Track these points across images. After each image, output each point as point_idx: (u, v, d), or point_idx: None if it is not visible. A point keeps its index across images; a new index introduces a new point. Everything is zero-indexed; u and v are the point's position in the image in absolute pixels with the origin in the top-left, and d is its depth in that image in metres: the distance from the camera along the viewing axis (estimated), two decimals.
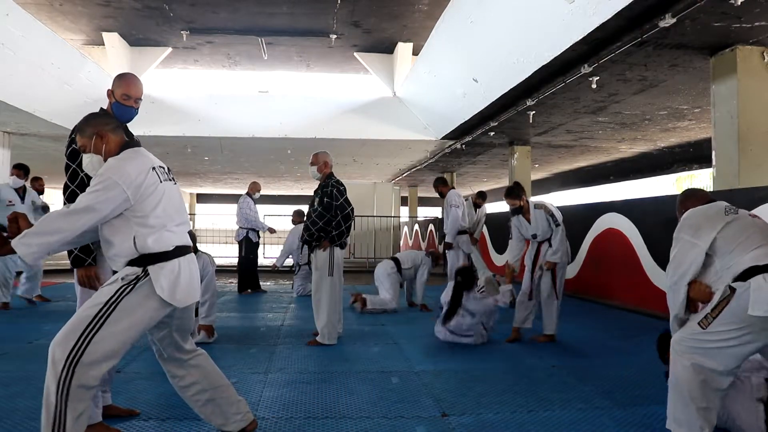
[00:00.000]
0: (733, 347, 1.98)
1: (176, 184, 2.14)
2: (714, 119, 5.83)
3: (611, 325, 4.99)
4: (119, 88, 2.43)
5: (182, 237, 2.03)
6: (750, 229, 2.11)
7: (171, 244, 1.96)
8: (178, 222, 2.02)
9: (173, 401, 2.71)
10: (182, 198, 2.15)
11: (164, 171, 2.06)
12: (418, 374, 3.31)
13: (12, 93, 8.09)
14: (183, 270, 1.97)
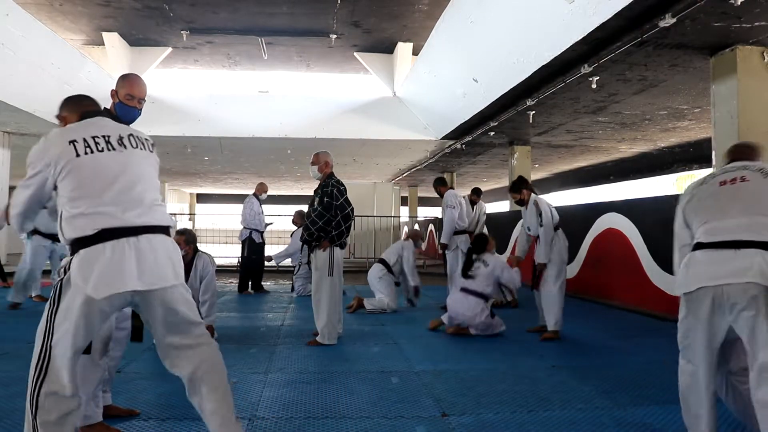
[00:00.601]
0: (693, 336, 1.96)
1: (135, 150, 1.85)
2: (714, 119, 5.83)
3: (611, 325, 4.99)
4: (123, 89, 2.42)
5: (116, 217, 1.71)
6: (718, 196, 2.00)
7: (92, 228, 1.69)
8: (109, 199, 1.72)
9: (173, 401, 2.72)
10: (138, 169, 1.81)
11: (109, 138, 1.81)
12: (418, 374, 3.31)
13: (12, 93, 8.10)
14: (111, 254, 1.67)
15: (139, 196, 1.77)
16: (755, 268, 1.78)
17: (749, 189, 1.92)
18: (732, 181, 1.96)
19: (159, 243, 1.77)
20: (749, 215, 1.87)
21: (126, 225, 1.71)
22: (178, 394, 2.79)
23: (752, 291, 1.79)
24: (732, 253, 1.85)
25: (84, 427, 2.26)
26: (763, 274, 1.78)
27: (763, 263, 1.78)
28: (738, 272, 1.82)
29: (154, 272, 1.72)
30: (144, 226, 1.75)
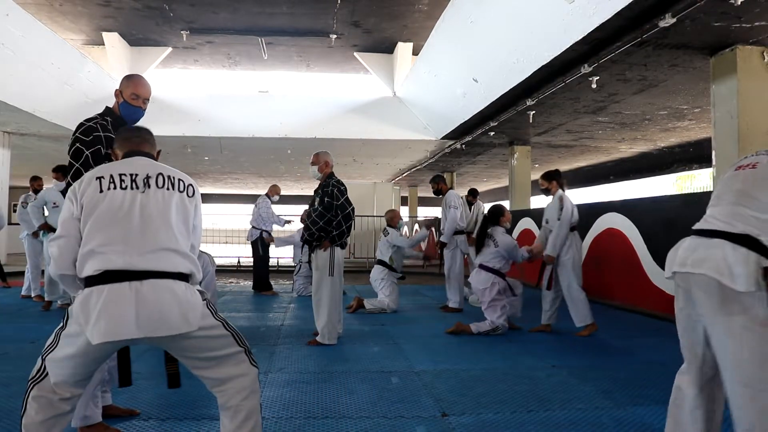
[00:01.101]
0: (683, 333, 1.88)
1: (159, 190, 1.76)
2: (714, 119, 5.83)
3: (611, 325, 4.99)
4: (128, 88, 2.46)
5: (121, 259, 1.62)
6: (726, 181, 1.90)
7: (95, 268, 1.62)
8: (118, 239, 1.65)
9: (173, 401, 2.72)
10: (154, 211, 1.71)
11: (135, 177, 1.75)
12: (418, 374, 3.31)
13: (12, 93, 8.10)
14: (109, 298, 1.58)
15: (149, 239, 1.68)
16: (712, 261, 1.69)
17: (750, 176, 1.80)
18: (745, 166, 1.84)
19: (165, 289, 1.64)
20: (732, 204, 1.77)
21: (130, 268, 1.62)
22: (178, 394, 2.80)
23: (709, 284, 1.69)
24: (702, 241, 1.77)
25: (83, 427, 2.26)
26: (718, 268, 1.67)
27: (720, 256, 1.67)
28: (698, 262, 1.74)
29: (154, 319, 1.61)
30: (150, 270, 1.64)
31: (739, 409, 1.63)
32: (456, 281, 5.93)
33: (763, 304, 1.59)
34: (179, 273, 1.70)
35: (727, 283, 1.63)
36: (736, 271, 1.62)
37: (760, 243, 1.63)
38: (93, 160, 2.31)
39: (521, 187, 11.44)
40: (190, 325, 1.66)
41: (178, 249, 1.73)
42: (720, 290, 1.65)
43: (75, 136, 2.34)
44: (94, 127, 2.36)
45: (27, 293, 6.53)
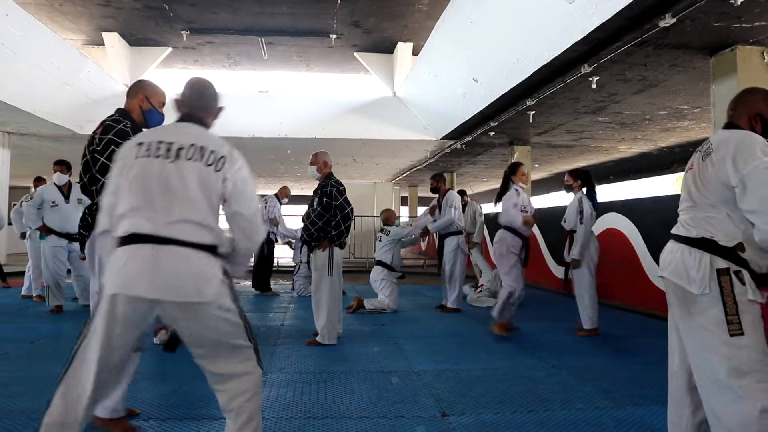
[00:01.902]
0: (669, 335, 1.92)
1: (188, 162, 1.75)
2: (714, 119, 5.83)
3: (611, 325, 4.98)
4: (158, 97, 2.55)
5: (145, 224, 1.68)
6: (683, 186, 2.00)
7: (123, 230, 1.70)
8: (143, 205, 1.71)
9: (173, 401, 2.72)
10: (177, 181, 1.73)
11: (170, 146, 1.76)
12: (418, 374, 3.31)
13: (12, 93, 8.10)
14: (132, 259, 1.65)
15: (171, 209, 1.71)
16: (673, 265, 1.80)
17: (690, 179, 1.89)
18: (688, 168, 1.94)
19: (183, 257, 1.67)
20: (688, 209, 1.87)
21: (153, 233, 1.67)
22: (178, 394, 2.80)
23: (674, 288, 1.80)
24: (670, 246, 1.89)
25: (108, 420, 2.28)
26: (677, 272, 1.77)
27: (679, 261, 1.78)
28: (665, 266, 1.85)
29: (168, 284, 1.64)
30: (171, 238, 1.68)
31: (710, 409, 1.70)
32: (457, 281, 5.93)
33: (718, 305, 1.66)
34: (200, 244, 1.71)
35: (685, 286, 1.74)
36: (692, 275, 1.72)
37: (715, 244, 1.71)
38: None
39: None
40: (202, 295, 1.67)
41: (198, 221, 1.73)
42: (683, 293, 1.76)
43: (109, 138, 2.30)
44: (126, 131, 2.34)
45: (27, 293, 6.53)
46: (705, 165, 1.80)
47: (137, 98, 2.51)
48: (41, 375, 3.16)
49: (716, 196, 1.74)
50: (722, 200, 1.73)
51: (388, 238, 6.08)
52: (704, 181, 1.78)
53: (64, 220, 5.45)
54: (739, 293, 1.64)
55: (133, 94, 2.51)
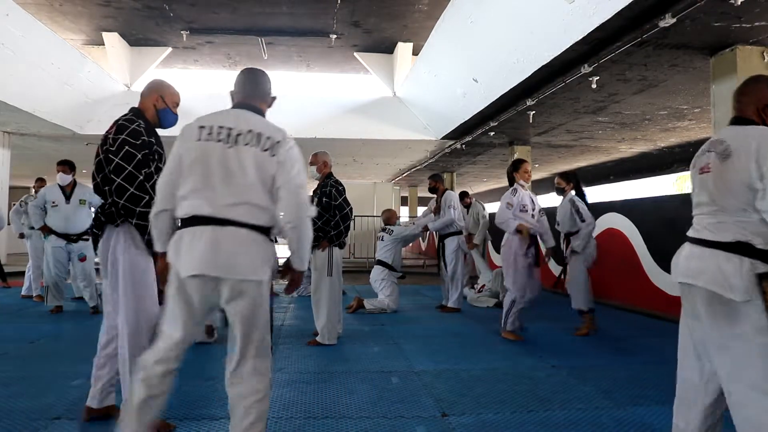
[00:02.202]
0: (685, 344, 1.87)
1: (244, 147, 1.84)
2: (714, 119, 5.83)
3: (611, 325, 4.98)
4: (172, 97, 2.57)
5: (203, 206, 1.80)
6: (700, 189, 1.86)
7: (185, 212, 1.82)
8: (202, 187, 1.81)
9: (173, 401, 2.71)
10: (234, 166, 1.82)
11: (230, 131, 1.86)
12: (418, 374, 3.31)
13: (12, 93, 8.10)
14: (192, 239, 1.78)
15: (230, 191, 1.81)
16: (708, 273, 1.69)
17: (711, 184, 1.77)
18: (703, 169, 1.83)
19: (241, 237, 1.79)
20: (713, 214, 1.76)
21: (213, 215, 1.78)
22: (178, 394, 2.80)
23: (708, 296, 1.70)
24: (697, 251, 1.77)
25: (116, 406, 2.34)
26: (715, 279, 1.67)
27: (715, 268, 1.67)
28: (696, 274, 1.74)
29: (228, 262, 1.76)
30: (229, 219, 1.79)
31: (749, 420, 1.62)
32: (459, 281, 5.94)
33: (759, 311, 1.59)
34: (257, 225, 1.83)
35: (725, 294, 1.64)
36: (733, 282, 1.62)
37: (752, 247, 1.63)
38: (142, 164, 2.28)
39: None
40: (257, 273, 1.80)
41: (255, 203, 1.83)
42: (719, 301, 1.66)
43: (123, 138, 2.28)
44: (140, 131, 2.34)
45: (27, 293, 6.53)
46: (726, 168, 1.72)
47: (151, 97, 2.50)
48: (41, 375, 3.16)
49: (744, 200, 1.67)
50: (752, 203, 1.66)
51: (390, 237, 6.08)
52: (728, 185, 1.71)
53: (63, 220, 5.42)
54: None
55: (148, 94, 2.51)
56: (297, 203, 1.87)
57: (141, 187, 2.27)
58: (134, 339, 2.29)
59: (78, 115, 9.98)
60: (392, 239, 6.06)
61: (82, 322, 5.04)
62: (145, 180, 2.28)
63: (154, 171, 2.33)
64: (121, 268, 2.32)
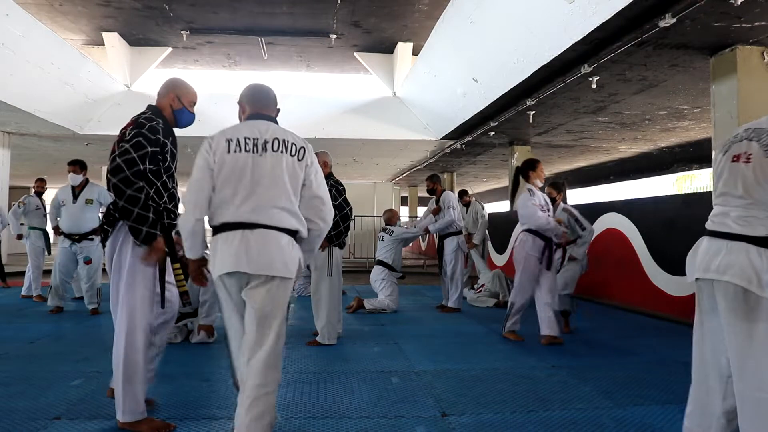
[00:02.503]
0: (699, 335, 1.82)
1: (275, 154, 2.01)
2: (714, 119, 5.83)
3: (611, 325, 4.99)
4: (189, 96, 2.61)
5: (237, 213, 1.97)
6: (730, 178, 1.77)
7: (219, 220, 2.00)
8: (237, 196, 1.97)
9: (173, 401, 2.72)
10: (266, 173, 1.99)
11: (256, 141, 2.01)
12: (418, 374, 3.31)
13: (12, 93, 8.10)
14: (226, 243, 1.96)
15: (260, 197, 1.97)
16: (737, 267, 1.62)
17: (749, 175, 1.68)
18: (739, 158, 1.72)
19: (271, 238, 1.96)
20: (744, 207, 1.68)
21: (244, 221, 1.96)
22: (178, 394, 2.80)
23: (734, 291, 1.63)
24: (723, 244, 1.69)
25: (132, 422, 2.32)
26: (744, 274, 1.60)
27: (745, 263, 1.60)
28: (722, 268, 1.66)
29: (260, 261, 1.93)
30: (260, 223, 1.95)
31: (756, 420, 1.58)
32: (459, 281, 5.95)
33: None
34: (285, 228, 2.00)
35: (754, 290, 1.58)
36: (765, 278, 1.56)
37: None
38: (150, 160, 2.28)
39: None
40: (288, 271, 1.98)
41: (285, 207, 2.00)
42: (745, 297, 1.60)
43: (138, 131, 2.29)
44: (158, 129, 2.35)
45: (27, 293, 6.53)
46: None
47: (168, 97, 2.52)
48: (41, 375, 3.16)
49: None
50: None
51: (391, 237, 6.08)
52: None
53: (70, 220, 5.41)
54: None
55: (165, 93, 2.52)
56: (326, 212, 2.09)
57: (137, 174, 2.24)
58: (129, 338, 2.30)
59: (78, 115, 9.98)
60: (392, 240, 6.06)
61: (82, 322, 5.04)
62: (143, 173, 2.27)
63: (164, 171, 2.37)
64: (125, 266, 2.33)
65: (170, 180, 2.44)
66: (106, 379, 3.05)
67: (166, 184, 2.39)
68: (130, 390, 2.28)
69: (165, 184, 2.39)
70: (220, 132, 2.07)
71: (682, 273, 4.23)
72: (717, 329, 1.73)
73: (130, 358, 2.29)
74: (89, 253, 5.40)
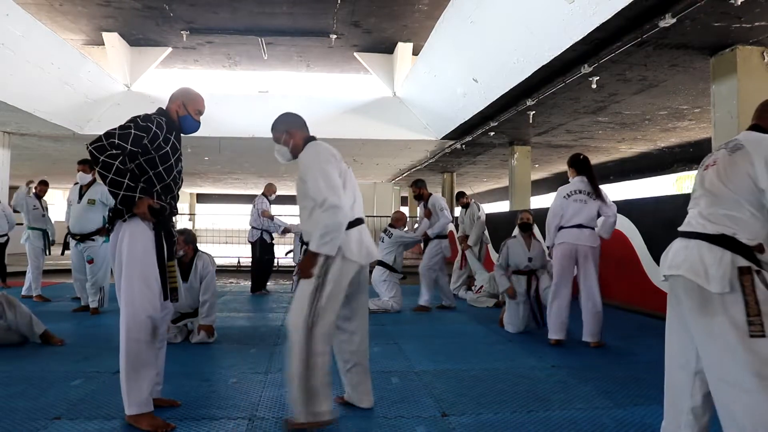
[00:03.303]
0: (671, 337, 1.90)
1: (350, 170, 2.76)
2: (714, 119, 5.83)
3: (611, 325, 4.98)
4: (194, 104, 2.68)
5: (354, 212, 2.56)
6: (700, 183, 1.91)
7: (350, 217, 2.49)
8: (349, 201, 2.54)
9: None
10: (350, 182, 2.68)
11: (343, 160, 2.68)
12: (418, 374, 3.31)
13: (12, 93, 8.10)
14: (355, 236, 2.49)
15: (358, 201, 2.66)
16: (689, 262, 1.71)
17: (714, 175, 1.80)
18: (709, 165, 1.86)
19: (365, 231, 2.60)
20: (707, 206, 1.78)
21: (358, 217, 2.57)
22: (179, 394, 2.80)
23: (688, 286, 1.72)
24: (684, 243, 1.81)
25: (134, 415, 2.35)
26: (694, 269, 1.68)
27: (696, 258, 1.69)
28: (678, 264, 1.76)
29: (369, 251, 2.53)
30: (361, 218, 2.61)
31: (725, 409, 1.63)
32: (427, 278, 5.98)
33: (739, 304, 1.59)
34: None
35: (702, 284, 1.65)
36: (711, 273, 1.63)
37: (736, 241, 1.63)
38: (132, 141, 2.35)
39: (521, 187, 11.44)
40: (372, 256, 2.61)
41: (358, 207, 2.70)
42: (699, 292, 1.67)
43: (132, 118, 2.43)
44: (151, 118, 2.46)
45: (27, 293, 6.52)
46: (733, 159, 1.74)
47: (175, 103, 2.66)
48: (41, 375, 3.16)
49: (743, 192, 1.68)
50: (748, 198, 1.67)
51: (389, 240, 6.08)
52: (731, 176, 1.72)
53: (73, 219, 5.44)
54: (761, 293, 1.58)
55: (173, 100, 2.65)
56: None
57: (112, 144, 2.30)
58: (130, 333, 2.32)
59: (78, 115, 9.98)
60: (391, 242, 6.07)
61: (82, 322, 5.04)
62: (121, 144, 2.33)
63: (159, 161, 2.47)
64: (124, 262, 2.36)
65: (168, 173, 2.50)
66: (106, 379, 3.06)
67: (161, 175, 2.47)
68: (135, 383, 2.31)
69: (160, 175, 2.47)
70: (326, 146, 2.70)
71: None
72: (684, 325, 1.80)
73: (133, 351, 2.33)
74: (92, 253, 5.41)
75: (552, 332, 4.17)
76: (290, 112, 2.79)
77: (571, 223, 4.18)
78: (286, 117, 2.75)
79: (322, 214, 2.32)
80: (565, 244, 4.17)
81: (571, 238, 4.16)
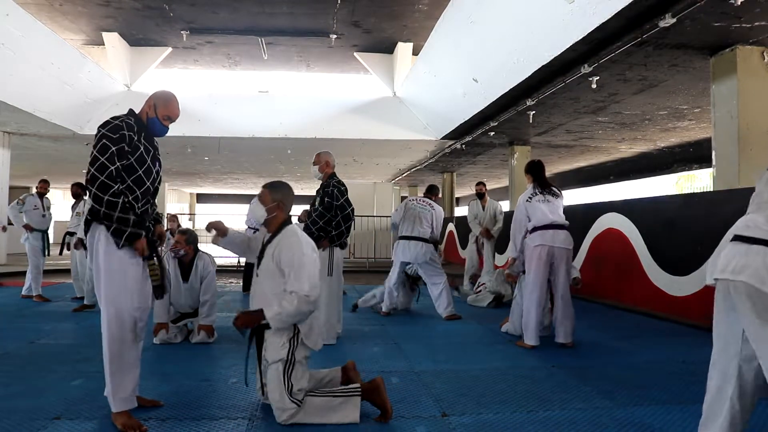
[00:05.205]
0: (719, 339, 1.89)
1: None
2: (714, 119, 5.83)
3: (611, 325, 4.98)
4: (164, 110, 2.63)
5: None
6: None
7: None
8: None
9: (173, 401, 2.71)
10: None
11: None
12: (418, 374, 3.31)
13: (12, 93, 8.10)
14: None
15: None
16: (752, 268, 1.71)
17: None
18: None
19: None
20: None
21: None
22: (179, 394, 2.80)
23: (748, 292, 1.72)
24: (744, 248, 1.77)
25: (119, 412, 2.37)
26: (758, 275, 1.68)
27: (760, 264, 1.69)
28: (738, 269, 1.75)
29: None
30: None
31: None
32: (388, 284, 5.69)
33: None
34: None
35: (765, 290, 1.65)
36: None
37: None
38: (117, 157, 2.36)
39: (521, 187, 11.43)
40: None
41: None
42: (759, 297, 1.67)
43: (102, 133, 2.39)
44: (121, 125, 2.43)
45: (28, 293, 6.53)
46: None
47: (147, 104, 2.62)
48: (41, 375, 3.16)
49: None
50: None
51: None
52: None
53: (77, 220, 5.64)
54: None
55: (147, 101, 2.63)
56: None
57: (111, 177, 2.33)
58: (110, 332, 2.35)
59: (78, 115, 9.98)
60: None
61: (82, 322, 5.04)
62: (116, 172, 2.35)
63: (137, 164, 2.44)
64: (101, 263, 2.38)
65: (147, 176, 2.50)
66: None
67: (141, 179, 2.46)
68: (120, 381, 2.35)
69: (139, 179, 2.46)
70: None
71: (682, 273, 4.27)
72: (734, 323, 1.81)
73: (116, 350, 2.36)
74: None
75: (530, 338, 4.06)
76: (288, 184, 2.69)
77: (545, 222, 4.08)
78: (287, 190, 2.66)
79: (303, 303, 2.36)
80: (541, 247, 4.04)
81: (547, 240, 4.05)
